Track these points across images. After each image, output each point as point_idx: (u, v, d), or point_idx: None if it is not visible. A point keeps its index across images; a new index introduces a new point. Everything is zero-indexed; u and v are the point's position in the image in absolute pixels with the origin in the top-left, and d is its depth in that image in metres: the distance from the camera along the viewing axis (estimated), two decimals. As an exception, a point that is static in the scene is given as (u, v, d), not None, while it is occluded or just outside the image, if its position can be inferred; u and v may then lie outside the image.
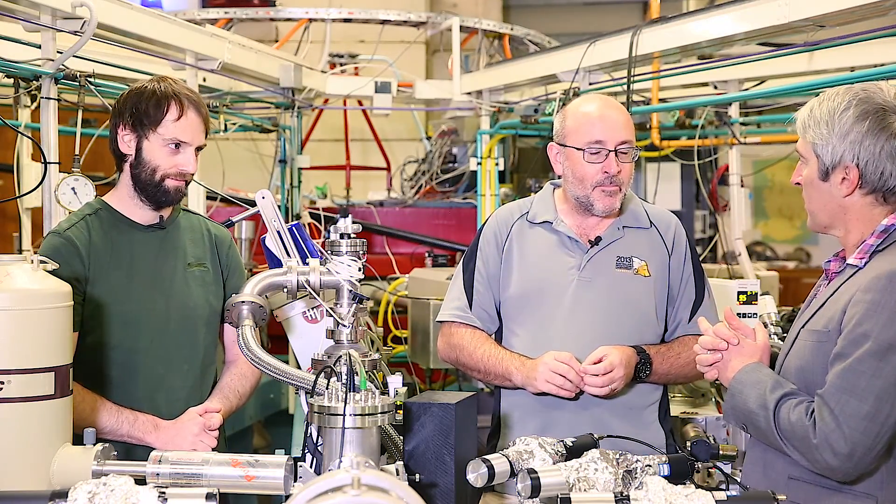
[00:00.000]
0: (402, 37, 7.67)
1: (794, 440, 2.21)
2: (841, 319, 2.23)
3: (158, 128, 2.79)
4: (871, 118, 2.26)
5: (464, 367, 3.07)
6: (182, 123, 2.81)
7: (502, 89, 6.37)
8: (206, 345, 2.95)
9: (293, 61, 5.95)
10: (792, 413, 2.22)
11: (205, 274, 2.95)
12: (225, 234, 3.09)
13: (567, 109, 3.01)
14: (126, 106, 2.83)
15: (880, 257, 2.27)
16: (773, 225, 12.22)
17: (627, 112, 3.00)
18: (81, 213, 2.87)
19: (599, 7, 13.37)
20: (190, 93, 2.87)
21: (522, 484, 2.14)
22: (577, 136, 2.91)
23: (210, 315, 2.95)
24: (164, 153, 2.81)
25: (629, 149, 2.90)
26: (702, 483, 2.82)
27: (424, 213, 6.86)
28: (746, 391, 2.32)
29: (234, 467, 2.12)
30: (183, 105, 2.81)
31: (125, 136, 2.82)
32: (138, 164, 2.82)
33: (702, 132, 5.94)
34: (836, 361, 2.21)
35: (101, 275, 2.78)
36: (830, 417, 2.16)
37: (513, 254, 3.00)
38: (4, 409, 2.11)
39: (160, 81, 2.86)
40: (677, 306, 2.99)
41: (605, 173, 2.88)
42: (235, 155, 7.05)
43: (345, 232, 2.53)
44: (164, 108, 2.79)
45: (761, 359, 2.39)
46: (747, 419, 2.32)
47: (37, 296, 2.15)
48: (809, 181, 2.37)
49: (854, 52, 4.77)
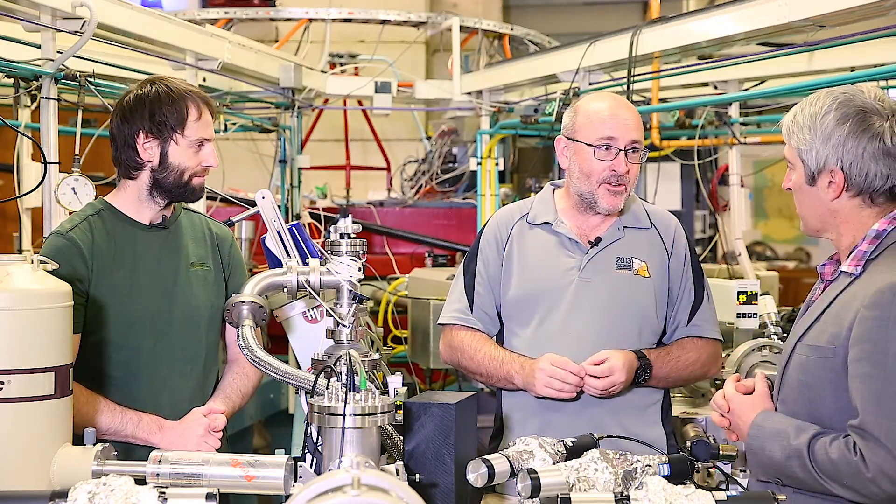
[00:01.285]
0: (402, 37, 7.67)
1: (842, 478, 2.15)
2: (847, 336, 2.20)
3: (185, 131, 2.81)
4: (851, 120, 2.25)
5: (465, 370, 3.07)
6: (203, 122, 2.85)
7: (502, 89, 6.37)
8: (209, 345, 2.95)
9: (293, 61, 5.95)
10: (830, 452, 2.17)
11: (207, 274, 2.95)
12: (226, 233, 3.09)
13: (579, 105, 3.00)
14: (140, 114, 2.81)
15: (876, 266, 2.25)
16: (773, 225, 12.22)
17: (639, 115, 2.99)
18: (84, 214, 2.86)
19: (599, 7, 13.37)
20: (194, 88, 2.90)
21: (522, 484, 2.14)
22: (588, 131, 2.91)
23: (212, 315, 2.95)
24: (190, 154, 2.84)
25: (638, 149, 2.91)
26: (702, 483, 2.82)
27: (424, 213, 6.86)
28: (768, 445, 2.28)
29: (234, 467, 2.12)
30: (198, 104, 2.84)
31: (146, 144, 2.81)
32: (164, 168, 2.82)
33: (702, 132, 5.94)
34: (861, 386, 2.16)
35: (104, 275, 2.77)
36: (878, 447, 2.11)
37: (513, 255, 3.00)
38: (4, 409, 2.11)
39: (161, 83, 2.85)
40: (676, 308, 2.99)
41: (612, 171, 2.88)
42: (235, 155, 7.05)
43: (345, 232, 2.53)
44: (184, 110, 2.81)
45: (764, 405, 2.38)
46: (779, 472, 2.26)
47: (37, 296, 2.15)
48: (798, 186, 2.36)
49: (854, 52, 4.77)
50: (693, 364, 2.98)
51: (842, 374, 2.21)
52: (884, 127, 2.25)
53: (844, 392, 2.20)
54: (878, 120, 2.25)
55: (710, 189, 6.66)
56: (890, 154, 2.25)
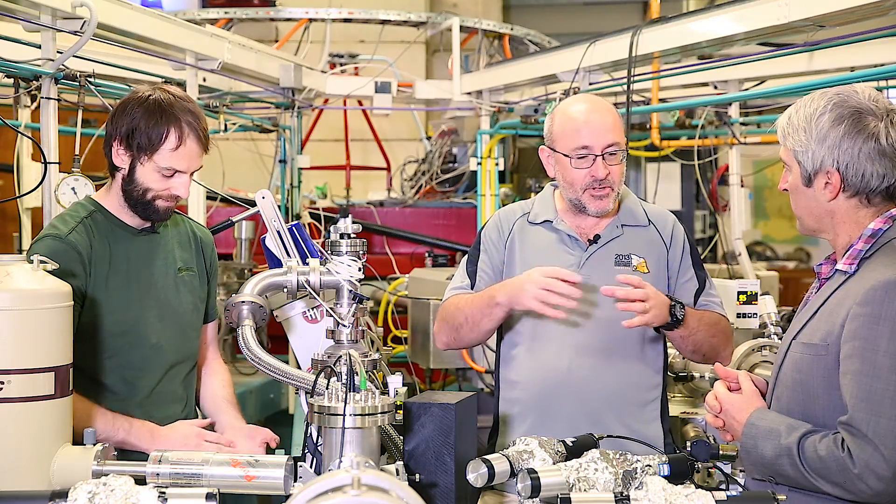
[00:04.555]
0: (402, 37, 7.67)
1: (830, 475, 2.15)
2: (840, 333, 2.21)
3: (155, 156, 2.68)
4: (846, 121, 2.25)
5: (456, 333, 2.96)
6: (180, 153, 2.69)
7: (502, 89, 6.37)
8: (195, 349, 2.95)
9: (293, 61, 5.95)
10: (819, 449, 2.17)
11: (193, 278, 2.93)
12: (208, 236, 3.05)
13: (555, 112, 3.01)
14: (123, 121, 2.70)
15: (870, 264, 2.26)
16: (773, 225, 12.21)
17: (615, 112, 2.97)
18: (77, 216, 2.76)
19: (599, 7, 13.38)
20: (191, 110, 2.73)
21: (522, 484, 2.14)
22: (564, 141, 2.91)
23: (197, 319, 2.94)
24: (157, 177, 2.70)
25: (617, 150, 2.90)
26: (702, 483, 2.82)
27: (424, 213, 6.86)
28: (760, 444, 2.28)
29: (234, 467, 2.12)
30: (182, 133, 2.68)
31: (119, 151, 2.72)
32: (130, 181, 2.72)
33: (702, 132, 5.95)
34: (851, 382, 2.16)
35: (101, 281, 2.72)
36: (865, 443, 2.11)
37: (514, 251, 3.00)
38: (4, 409, 2.11)
39: (161, 94, 2.72)
40: (680, 295, 2.97)
41: (592, 177, 2.88)
42: (235, 155, 7.05)
43: (345, 232, 2.53)
44: (162, 135, 2.67)
45: (756, 404, 2.37)
46: (771, 470, 2.27)
47: (37, 296, 2.15)
48: (794, 187, 2.37)
49: (854, 52, 4.77)
50: (716, 325, 2.95)
51: (835, 372, 2.22)
52: (879, 127, 2.25)
53: (837, 390, 2.20)
54: (874, 120, 2.25)
55: (710, 189, 6.67)
56: (886, 154, 2.25)
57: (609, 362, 2.90)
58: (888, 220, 2.28)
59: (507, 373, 2.99)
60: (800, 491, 2.24)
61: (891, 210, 2.29)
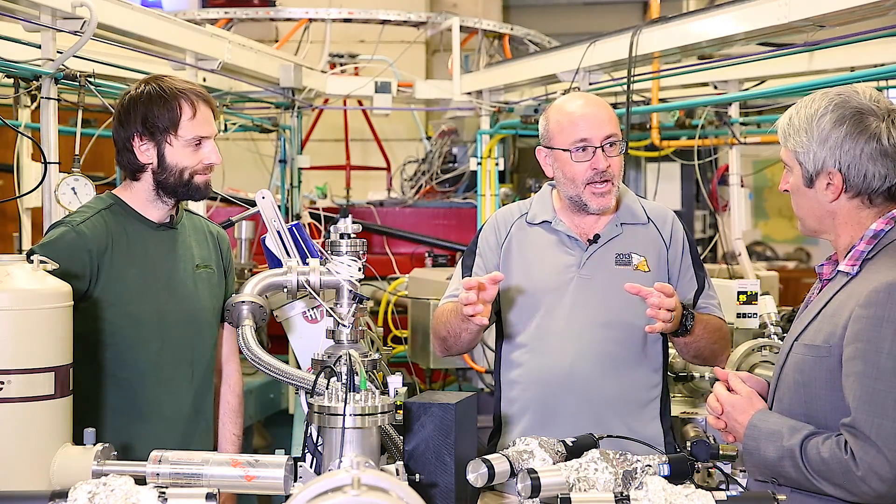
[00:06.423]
0: (402, 37, 7.67)
1: (833, 477, 2.15)
2: (842, 335, 2.20)
3: (179, 131, 2.76)
4: (848, 122, 2.25)
5: (445, 343, 2.96)
6: (199, 119, 2.79)
7: (502, 89, 6.37)
8: (211, 347, 2.95)
9: (293, 61, 5.95)
10: (822, 451, 2.17)
11: (210, 276, 2.94)
12: (224, 235, 3.09)
13: (549, 112, 3.02)
14: (134, 117, 2.77)
15: (872, 265, 2.25)
16: (773, 225, 12.22)
17: (609, 107, 3.00)
18: (95, 207, 2.80)
19: (599, 7, 13.38)
20: (191, 85, 2.85)
21: (522, 484, 2.14)
22: (562, 136, 2.92)
23: (214, 317, 2.95)
24: (188, 152, 2.78)
25: (616, 141, 2.91)
26: (702, 483, 2.82)
27: (424, 213, 6.86)
28: (762, 446, 2.27)
29: (234, 467, 2.12)
30: (193, 101, 2.78)
31: (142, 147, 2.78)
32: (163, 169, 2.78)
33: (702, 132, 5.94)
34: (854, 384, 2.16)
35: (116, 272, 2.73)
36: (869, 445, 2.11)
37: (512, 253, 3.00)
38: (4, 409, 2.11)
39: (156, 82, 2.80)
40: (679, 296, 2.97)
41: (594, 170, 2.88)
42: (235, 155, 7.05)
43: (345, 232, 2.53)
44: (176, 110, 2.76)
45: (757, 405, 2.37)
46: (774, 472, 2.26)
47: (37, 296, 2.15)
48: (796, 188, 2.36)
49: (854, 52, 4.78)
50: (718, 331, 2.97)
51: (837, 374, 2.21)
52: (880, 127, 2.25)
53: (840, 391, 2.20)
54: (875, 120, 2.25)
55: (710, 189, 6.67)
56: (887, 154, 2.25)
57: (610, 362, 2.90)
58: (890, 221, 2.27)
59: (508, 373, 2.99)
60: (802, 492, 2.24)
61: (893, 211, 2.29)
